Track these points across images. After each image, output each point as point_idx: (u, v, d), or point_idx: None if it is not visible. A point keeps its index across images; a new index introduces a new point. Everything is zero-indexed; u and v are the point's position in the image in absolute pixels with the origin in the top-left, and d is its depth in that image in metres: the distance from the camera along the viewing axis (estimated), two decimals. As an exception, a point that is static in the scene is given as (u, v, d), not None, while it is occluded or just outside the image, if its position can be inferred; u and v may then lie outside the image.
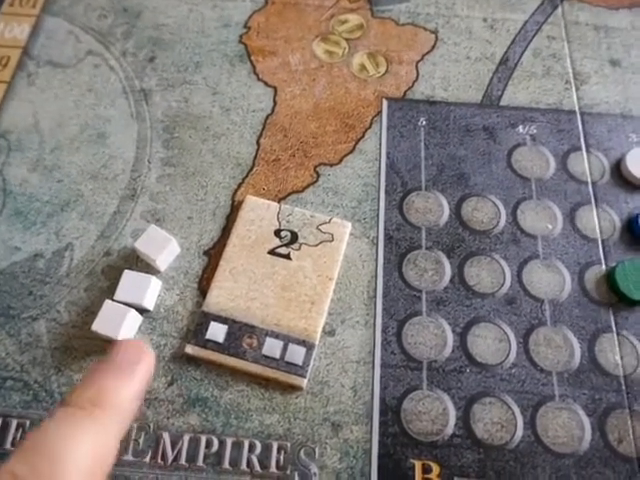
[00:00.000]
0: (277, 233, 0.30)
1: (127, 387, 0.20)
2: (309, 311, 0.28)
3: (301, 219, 0.31)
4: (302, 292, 0.29)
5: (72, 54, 0.37)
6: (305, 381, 0.27)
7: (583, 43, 0.37)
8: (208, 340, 0.28)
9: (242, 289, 0.29)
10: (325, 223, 0.31)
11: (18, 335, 0.28)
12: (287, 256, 0.30)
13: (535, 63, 0.37)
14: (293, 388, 0.27)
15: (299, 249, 0.30)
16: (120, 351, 0.21)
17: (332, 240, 0.30)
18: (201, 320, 0.28)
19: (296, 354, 0.27)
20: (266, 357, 0.27)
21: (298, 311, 0.28)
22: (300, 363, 0.27)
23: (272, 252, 0.30)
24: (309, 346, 0.28)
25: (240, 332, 0.28)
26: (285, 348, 0.28)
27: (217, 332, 0.28)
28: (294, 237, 0.30)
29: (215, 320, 0.28)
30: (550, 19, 0.38)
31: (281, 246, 0.30)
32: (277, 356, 0.27)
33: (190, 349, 0.27)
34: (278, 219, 0.31)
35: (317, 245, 0.30)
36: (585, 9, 0.39)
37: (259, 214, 0.31)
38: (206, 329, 0.28)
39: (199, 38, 0.37)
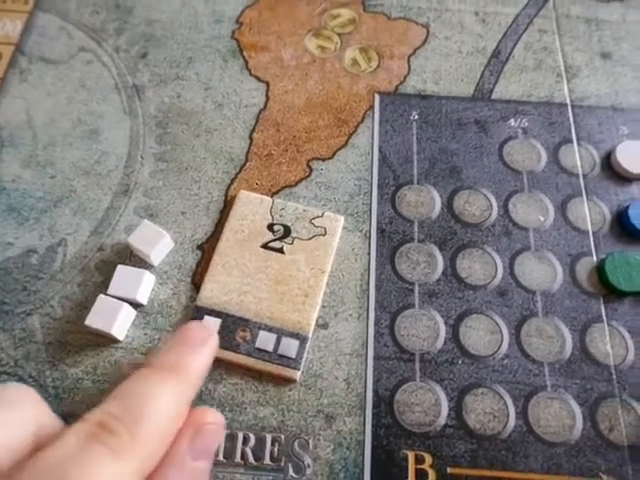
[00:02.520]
0: (270, 227, 0.30)
1: (198, 359, 0.22)
2: (302, 304, 0.29)
3: (294, 213, 0.31)
4: (295, 285, 0.29)
5: (64, 50, 0.37)
6: (298, 373, 0.27)
7: (574, 36, 0.38)
8: (202, 334, 0.28)
9: (235, 283, 0.29)
10: (318, 217, 0.31)
11: (12, 330, 0.28)
12: (280, 250, 0.30)
13: (527, 56, 0.37)
14: (287, 381, 0.27)
15: (292, 243, 0.30)
16: (190, 330, 0.23)
17: (325, 234, 0.30)
18: (195, 314, 0.28)
19: (289, 347, 0.28)
20: (259, 350, 0.28)
21: (291, 304, 0.29)
22: (293, 356, 0.27)
23: (265, 246, 0.30)
24: (302, 339, 0.28)
25: (234, 325, 0.28)
26: (278, 341, 0.28)
27: (211, 326, 0.28)
28: (287, 231, 0.30)
29: (209, 314, 0.28)
30: (541, 12, 0.39)
31: (274, 240, 0.30)
32: (270, 349, 0.28)
33: None
34: (271, 213, 0.31)
35: (310, 239, 0.30)
36: (576, 2, 0.39)
37: (252, 208, 0.31)
38: None
39: (191, 34, 0.37)
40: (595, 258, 0.30)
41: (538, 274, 0.30)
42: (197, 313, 0.28)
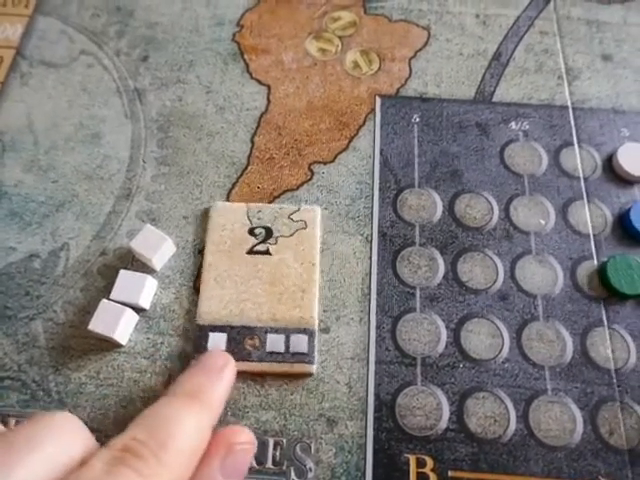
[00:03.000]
0: (251, 232, 0.30)
1: (218, 386, 0.23)
2: (301, 299, 0.29)
3: (271, 213, 0.31)
4: (290, 283, 0.29)
5: (65, 54, 0.37)
6: (314, 367, 0.27)
7: (575, 38, 0.38)
8: (211, 352, 0.28)
9: (231, 294, 0.29)
10: (295, 212, 0.31)
11: (15, 335, 0.28)
12: (266, 252, 0.30)
13: (527, 59, 0.37)
14: (303, 377, 0.27)
15: (276, 243, 0.30)
16: (209, 357, 0.25)
17: (306, 227, 0.30)
18: (199, 333, 0.28)
19: (299, 343, 0.28)
20: (272, 353, 0.28)
21: (290, 302, 0.29)
22: (306, 351, 0.28)
23: (251, 251, 0.30)
24: (310, 333, 0.28)
25: (240, 336, 0.28)
26: (288, 340, 0.28)
27: (218, 342, 0.28)
28: (269, 232, 0.30)
29: (213, 330, 0.28)
30: (542, 14, 0.38)
31: (258, 244, 0.30)
32: (282, 350, 0.28)
33: None
34: (249, 218, 0.31)
35: (292, 235, 0.30)
36: (577, 4, 0.39)
37: (229, 217, 0.31)
38: (206, 342, 0.28)
39: (192, 37, 0.37)
40: (596, 261, 0.30)
41: (539, 278, 0.30)
42: (200, 332, 0.28)
